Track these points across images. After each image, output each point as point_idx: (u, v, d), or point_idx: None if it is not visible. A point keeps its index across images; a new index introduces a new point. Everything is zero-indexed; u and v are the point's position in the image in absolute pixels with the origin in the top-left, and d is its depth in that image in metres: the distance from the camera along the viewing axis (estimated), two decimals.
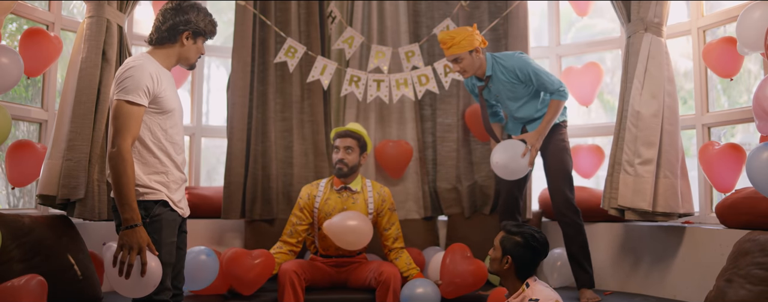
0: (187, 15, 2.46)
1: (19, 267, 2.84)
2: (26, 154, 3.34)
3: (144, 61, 2.37)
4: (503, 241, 2.62)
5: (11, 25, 4.01)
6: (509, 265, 2.58)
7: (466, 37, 3.37)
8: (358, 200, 3.59)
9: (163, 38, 2.48)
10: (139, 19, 4.36)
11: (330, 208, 3.56)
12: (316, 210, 3.57)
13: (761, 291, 2.49)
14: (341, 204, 3.57)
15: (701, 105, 3.65)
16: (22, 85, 3.83)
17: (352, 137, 3.61)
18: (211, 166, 5.34)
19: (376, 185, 3.69)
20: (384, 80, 4.09)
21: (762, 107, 2.51)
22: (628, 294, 3.54)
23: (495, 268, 2.64)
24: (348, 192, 3.60)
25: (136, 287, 2.21)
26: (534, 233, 2.62)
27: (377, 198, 3.63)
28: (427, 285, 3.30)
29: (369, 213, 3.58)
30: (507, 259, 2.58)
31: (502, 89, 3.52)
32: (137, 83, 2.29)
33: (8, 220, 2.91)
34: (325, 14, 4.25)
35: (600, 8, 4.66)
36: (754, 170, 2.51)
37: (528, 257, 2.58)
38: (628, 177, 3.34)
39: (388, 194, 3.67)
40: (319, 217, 3.56)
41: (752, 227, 2.88)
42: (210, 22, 2.55)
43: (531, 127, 3.57)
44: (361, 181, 3.66)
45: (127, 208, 2.22)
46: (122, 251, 2.19)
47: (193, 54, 2.54)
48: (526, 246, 2.58)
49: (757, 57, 3.56)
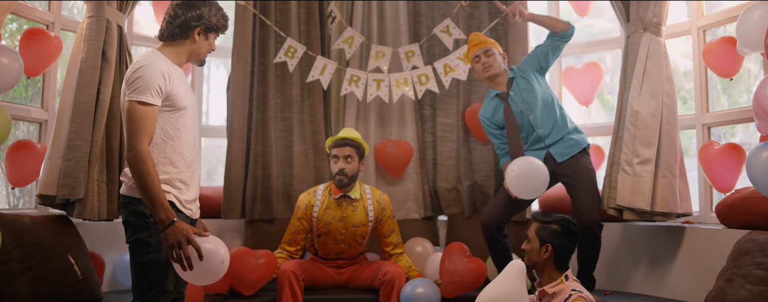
0: (199, 10, 2.40)
1: (19, 267, 2.84)
2: (26, 154, 3.34)
3: (154, 59, 2.29)
4: (539, 232, 2.59)
5: (11, 25, 4.01)
6: (549, 254, 2.56)
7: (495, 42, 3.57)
8: (357, 208, 3.55)
9: (174, 34, 2.40)
10: (139, 19, 4.36)
11: (329, 217, 3.52)
12: (315, 219, 3.53)
13: (761, 291, 2.49)
14: (340, 213, 3.52)
15: (701, 105, 3.65)
16: (22, 85, 3.83)
17: (351, 145, 3.52)
18: (211, 166, 5.34)
19: (375, 192, 3.64)
20: (384, 80, 4.09)
21: (762, 107, 2.51)
22: (628, 294, 3.54)
23: (533, 259, 2.59)
24: (347, 201, 3.55)
25: (204, 273, 2.20)
26: (568, 219, 2.61)
27: (377, 207, 3.58)
28: (427, 285, 3.30)
29: (369, 222, 3.55)
30: (547, 248, 2.55)
31: (523, 89, 3.45)
32: (149, 82, 2.22)
33: (8, 220, 2.91)
34: (325, 14, 4.25)
35: (600, 8, 4.65)
36: (754, 170, 2.51)
37: (567, 244, 2.57)
38: (627, 176, 3.34)
39: (387, 202, 3.64)
40: (318, 227, 3.53)
41: (752, 227, 2.88)
42: (222, 17, 2.49)
43: (556, 149, 3.42)
44: (360, 188, 3.61)
45: (159, 209, 2.15)
46: (173, 251, 2.16)
47: (205, 50, 2.47)
48: (566, 234, 2.57)
49: (757, 57, 3.56)
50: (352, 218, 3.52)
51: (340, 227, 3.51)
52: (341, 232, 3.52)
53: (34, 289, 2.86)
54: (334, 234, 3.52)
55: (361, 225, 3.54)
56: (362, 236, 3.57)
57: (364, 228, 3.55)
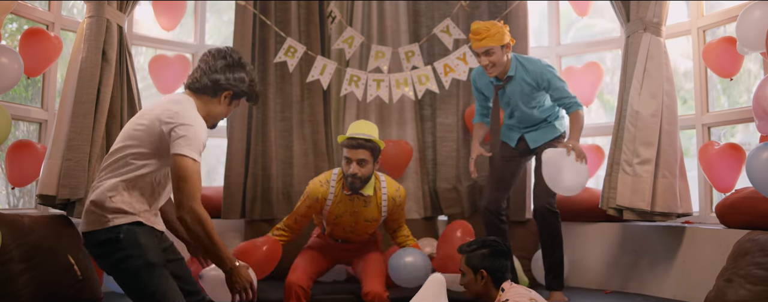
0: (240, 74, 2.34)
1: (19, 267, 2.84)
2: (26, 154, 3.34)
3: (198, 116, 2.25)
4: (469, 262, 2.64)
5: (11, 25, 4.01)
6: (486, 279, 2.60)
7: (499, 31, 3.33)
8: (370, 204, 3.39)
9: (205, 89, 2.33)
10: (139, 19, 4.37)
11: (340, 211, 3.38)
12: (326, 211, 3.40)
13: (761, 291, 2.49)
14: (352, 208, 3.37)
15: (701, 105, 3.65)
16: (22, 85, 3.83)
17: (365, 148, 3.24)
18: (211, 166, 5.33)
19: (391, 186, 3.44)
20: (384, 80, 4.09)
21: (762, 107, 2.51)
22: (628, 294, 3.54)
23: (475, 290, 2.64)
24: (360, 198, 3.37)
25: None
26: (492, 239, 2.67)
27: (391, 204, 3.42)
28: (417, 255, 3.21)
29: (382, 216, 3.44)
30: (482, 274, 2.60)
31: (517, 92, 3.44)
32: (200, 141, 2.20)
33: (8, 220, 2.91)
34: (325, 14, 4.25)
35: (600, 8, 4.65)
36: (754, 170, 2.51)
37: (501, 262, 2.61)
38: (627, 176, 3.34)
39: (403, 197, 3.46)
40: (328, 218, 3.42)
41: (752, 227, 2.88)
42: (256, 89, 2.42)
43: (531, 136, 3.53)
44: (375, 183, 3.40)
45: (225, 260, 2.25)
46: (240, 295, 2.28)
47: (223, 115, 2.41)
48: (495, 253, 2.62)
49: (757, 57, 3.56)
50: (363, 213, 3.39)
51: (350, 220, 3.41)
52: (351, 225, 3.43)
53: (34, 289, 2.86)
54: (344, 226, 3.44)
55: (372, 220, 3.44)
56: (373, 227, 3.50)
57: (376, 222, 3.47)
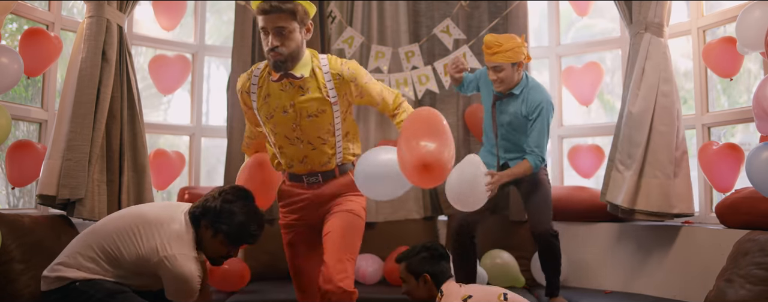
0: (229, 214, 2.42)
1: (19, 267, 2.84)
2: (26, 154, 3.34)
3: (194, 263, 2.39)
4: (409, 268, 2.66)
5: (11, 25, 4.02)
6: (429, 282, 2.62)
7: (513, 48, 3.15)
8: (309, 89, 2.47)
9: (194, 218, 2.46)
10: (139, 19, 4.37)
11: (270, 109, 2.51)
12: (256, 112, 2.56)
13: (761, 291, 2.49)
14: (287, 99, 2.48)
15: (701, 105, 3.66)
16: (22, 84, 3.83)
17: (283, 11, 2.37)
18: (211, 166, 5.34)
19: (334, 60, 2.52)
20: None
21: (762, 107, 2.51)
22: (628, 294, 3.54)
23: (418, 295, 2.65)
24: (291, 83, 2.47)
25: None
26: (430, 242, 2.71)
27: (338, 82, 2.49)
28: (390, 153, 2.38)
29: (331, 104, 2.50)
30: (424, 279, 2.62)
31: (511, 112, 3.31)
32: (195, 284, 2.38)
33: (8, 220, 2.91)
34: (325, 14, 4.25)
35: (600, 8, 4.66)
36: (754, 170, 2.51)
37: (442, 264, 2.64)
38: (618, 175, 3.44)
39: (354, 69, 2.51)
40: (267, 127, 2.56)
41: (752, 227, 2.88)
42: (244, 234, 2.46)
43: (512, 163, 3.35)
44: (312, 62, 2.51)
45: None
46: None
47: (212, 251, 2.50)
48: (435, 256, 2.65)
49: (757, 57, 3.56)
50: (303, 106, 2.47)
51: (287, 120, 2.50)
52: (292, 128, 2.52)
53: (35, 289, 2.86)
54: (285, 132, 2.52)
55: (318, 112, 2.49)
56: (326, 129, 2.53)
57: (325, 115, 2.50)
